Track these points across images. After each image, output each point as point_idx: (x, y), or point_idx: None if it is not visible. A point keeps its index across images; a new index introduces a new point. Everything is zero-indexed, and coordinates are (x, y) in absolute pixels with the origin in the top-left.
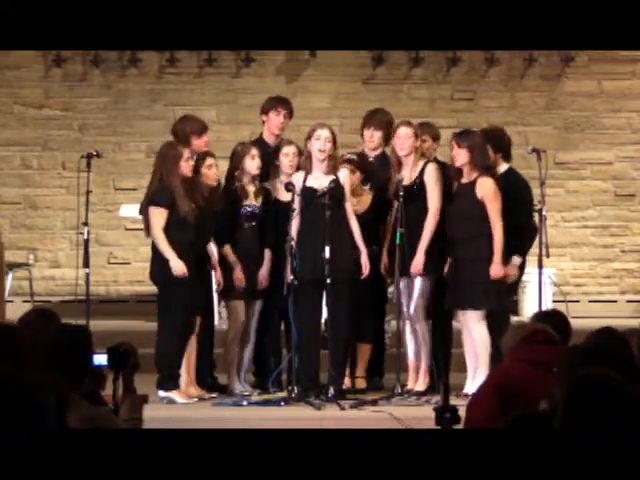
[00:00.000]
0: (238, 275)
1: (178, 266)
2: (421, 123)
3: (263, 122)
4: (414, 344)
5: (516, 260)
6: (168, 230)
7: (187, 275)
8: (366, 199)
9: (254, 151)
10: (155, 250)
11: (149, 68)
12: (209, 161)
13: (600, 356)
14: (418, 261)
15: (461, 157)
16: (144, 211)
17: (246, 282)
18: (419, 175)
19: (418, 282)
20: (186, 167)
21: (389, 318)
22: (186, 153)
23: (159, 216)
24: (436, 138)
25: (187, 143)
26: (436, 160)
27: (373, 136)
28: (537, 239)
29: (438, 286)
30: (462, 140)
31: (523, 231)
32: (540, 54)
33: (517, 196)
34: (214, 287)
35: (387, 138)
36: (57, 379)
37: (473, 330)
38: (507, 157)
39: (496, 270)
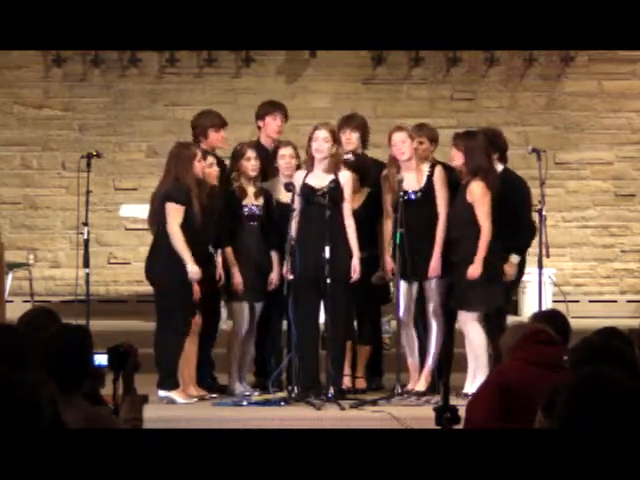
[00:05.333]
0: (237, 280)
1: (195, 270)
2: (418, 124)
3: (259, 127)
4: (416, 344)
5: (514, 259)
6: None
7: (206, 277)
8: (360, 197)
9: (250, 152)
10: (154, 248)
11: (149, 68)
12: (210, 160)
13: (604, 356)
14: (436, 264)
15: (457, 158)
16: (157, 206)
17: (247, 283)
18: (428, 178)
19: (434, 282)
20: (199, 167)
21: (389, 318)
22: (199, 153)
23: (177, 213)
24: (433, 140)
25: (205, 136)
26: (438, 162)
27: (351, 137)
28: (537, 239)
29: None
30: (460, 141)
31: (521, 230)
32: (540, 54)
33: (515, 195)
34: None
35: (364, 140)
36: (47, 379)
37: (468, 331)
38: (503, 158)
39: (473, 270)
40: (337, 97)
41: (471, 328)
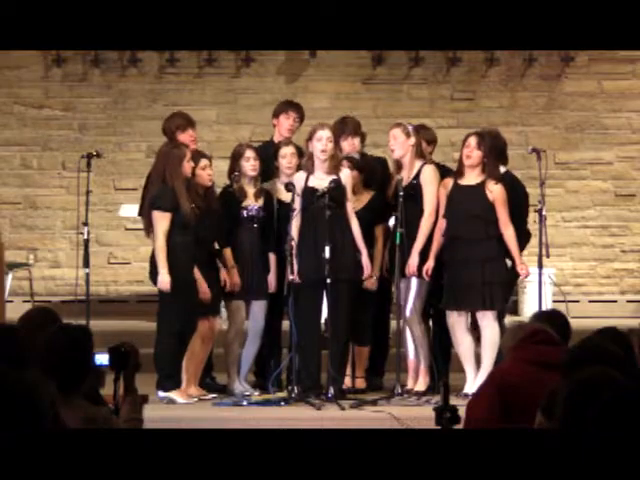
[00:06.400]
0: (235, 280)
1: (164, 281)
2: (416, 125)
3: (274, 125)
4: (414, 344)
5: (508, 263)
6: (171, 232)
7: (170, 290)
8: (364, 198)
9: (249, 152)
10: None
11: (149, 68)
12: (203, 162)
13: (602, 356)
14: (413, 262)
15: (475, 157)
16: (146, 212)
17: (245, 283)
18: (416, 176)
19: (414, 283)
20: (188, 167)
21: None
22: (188, 153)
23: (163, 220)
24: (431, 141)
25: (174, 139)
26: (433, 162)
27: (354, 142)
28: (537, 239)
29: (436, 286)
30: (483, 142)
31: (519, 235)
32: (540, 54)
33: (517, 200)
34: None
35: (362, 140)
36: (47, 379)
37: (487, 329)
38: (503, 160)
39: (524, 268)
40: (337, 97)
41: (491, 326)
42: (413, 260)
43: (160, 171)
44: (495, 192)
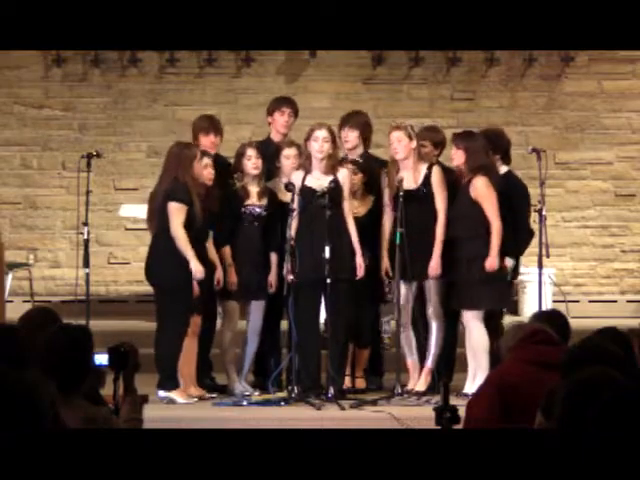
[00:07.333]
0: (232, 279)
1: (199, 269)
2: (425, 127)
3: (269, 123)
4: (415, 344)
5: (508, 262)
6: None
7: (205, 277)
8: (367, 203)
9: (250, 151)
10: (153, 248)
11: (149, 68)
12: (205, 161)
13: (602, 356)
14: (435, 264)
15: (458, 157)
16: (159, 206)
17: (244, 282)
18: (425, 178)
19: (433, 283)
20: (198, 168)
21: (388, 318)
22: (199, 154)
23: (180, 212)
24: (437, 144)
25: (195, 139)
26: (439, 164)
27: (348, 136)
28: (537, 239)
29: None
30: (460, 141)
31: (519, 234)
32: (540, 54)
33: (515, 200)
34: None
35: (366, 139)
36: (47, 379)
37: (472, 330)
38: (506, 159)
39: (491, 262)
40: (337, 97)
41: (474, 327)
42: (436, 262)
43: (172, 171)
44: (476, 188)
